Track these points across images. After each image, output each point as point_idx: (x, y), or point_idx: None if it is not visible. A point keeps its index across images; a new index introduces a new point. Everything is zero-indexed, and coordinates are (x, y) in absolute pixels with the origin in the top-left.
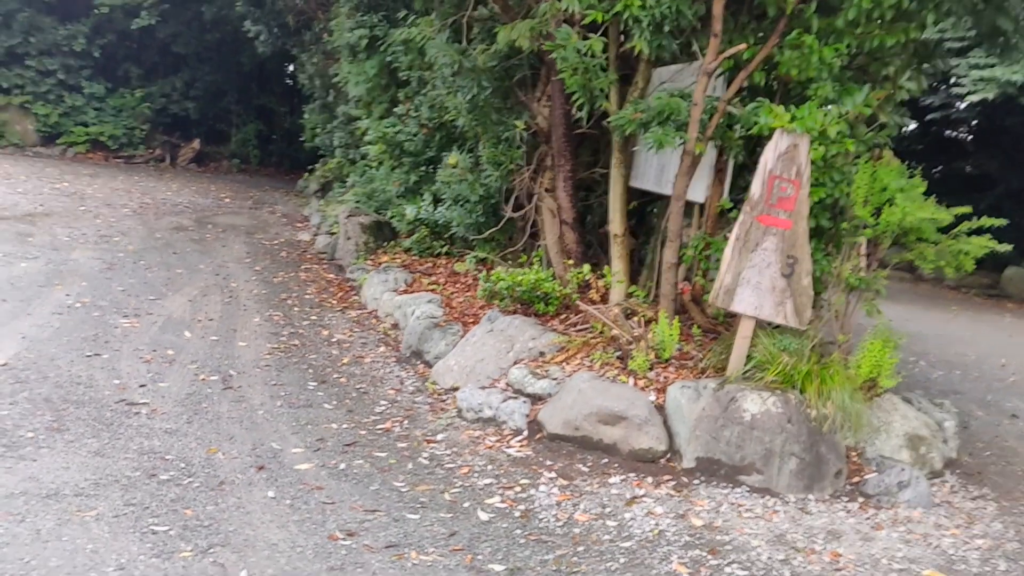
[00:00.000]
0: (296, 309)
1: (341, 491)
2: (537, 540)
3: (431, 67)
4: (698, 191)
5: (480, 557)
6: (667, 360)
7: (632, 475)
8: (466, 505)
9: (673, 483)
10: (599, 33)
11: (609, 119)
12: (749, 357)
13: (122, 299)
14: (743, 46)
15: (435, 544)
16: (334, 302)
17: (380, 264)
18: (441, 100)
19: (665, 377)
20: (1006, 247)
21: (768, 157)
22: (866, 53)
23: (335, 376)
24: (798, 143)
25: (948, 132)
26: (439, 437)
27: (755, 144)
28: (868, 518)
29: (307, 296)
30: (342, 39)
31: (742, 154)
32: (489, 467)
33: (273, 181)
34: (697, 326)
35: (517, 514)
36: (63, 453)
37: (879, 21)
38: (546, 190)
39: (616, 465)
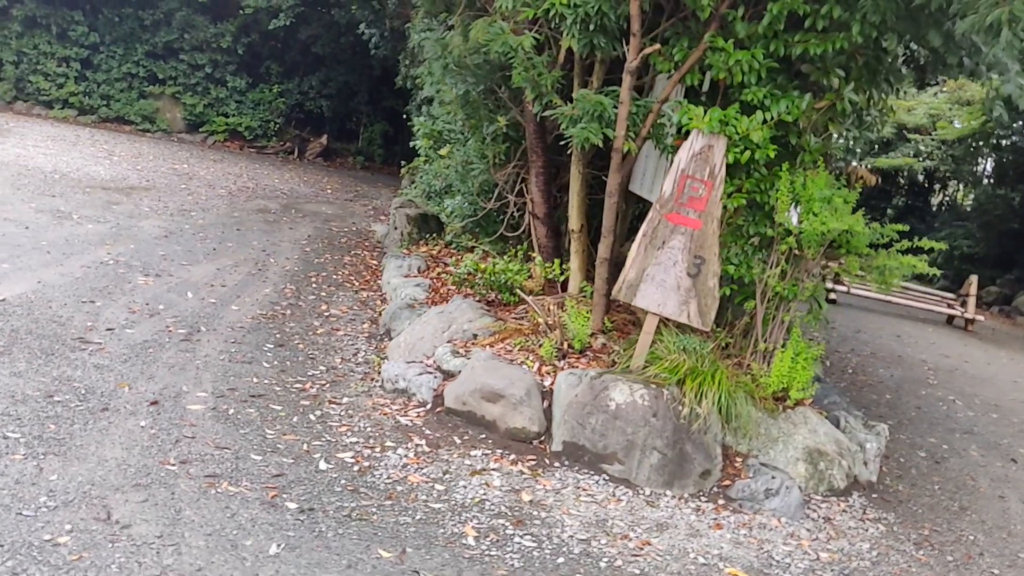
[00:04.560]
0: (313, 285)
1: (210, 430)
2: (353, 491)
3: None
4: (655, 191)
5: (284, 496)
6: (581, 351)
7: (499, 451)
8: (316, 456)
9: (533, 463)
10: (535, 31)
11: (546, 113)
12: (653, 353)
13: (155, 262)
14: (657, 46)
15: (253, 481)
16: (357, 283)
17: (412, 253)
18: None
19: (575, 366)
20: (934, 271)
21: (682, 156)
22: (807, 61)
23: (296, 342)
24: (713, 144)
25: None
26: (344, 401)
27: None
28: (715, 519)
29: (335, 276)
30: (414, 41)
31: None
32: (369, 429)
33: (390, 179)
34: (609, 320)
35: (356, 469)
36: None
37: (813, 30)
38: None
39: (490, 441)
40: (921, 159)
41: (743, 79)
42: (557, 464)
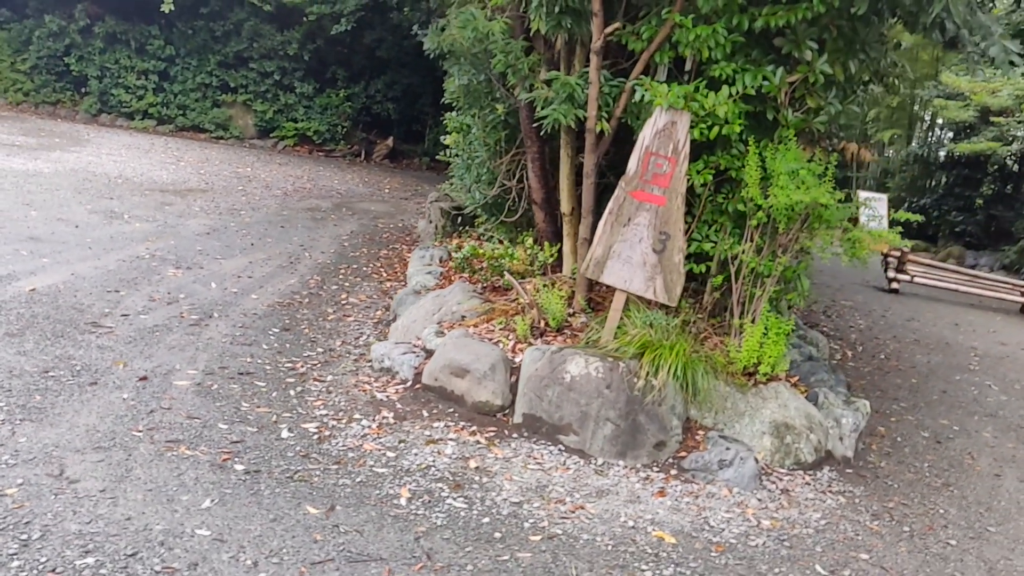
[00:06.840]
0: (339, 277)
1: (188, 404)
2: (304, 456)
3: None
4: None
5: (235, 459)
6: (559, 329)
7: (462, 423)
8: (281, 426)
9: (493, 434)
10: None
11: (524, 97)
12: (622, 329)
13: (190, 256)
14: (617, 24)
15: (211, 446)
16: (384, 275)
17: (441, 245)
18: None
19: (550, 343)
20: (906, 242)
21: (646, 133)
22: (780, 34)
23: (302, 327)
24: (676, 120)
25: None
26: (328, 379)
27: None
28: (661, 487)
29: (365, 269)
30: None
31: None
32: (342, 403)
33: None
34: (595, 299)
35: (316, 438)
36: None
37: (779, 2)
38: None
39: (457, 414)
40: (1007, 143)
41: (710, 55)
42: (516, 435)
